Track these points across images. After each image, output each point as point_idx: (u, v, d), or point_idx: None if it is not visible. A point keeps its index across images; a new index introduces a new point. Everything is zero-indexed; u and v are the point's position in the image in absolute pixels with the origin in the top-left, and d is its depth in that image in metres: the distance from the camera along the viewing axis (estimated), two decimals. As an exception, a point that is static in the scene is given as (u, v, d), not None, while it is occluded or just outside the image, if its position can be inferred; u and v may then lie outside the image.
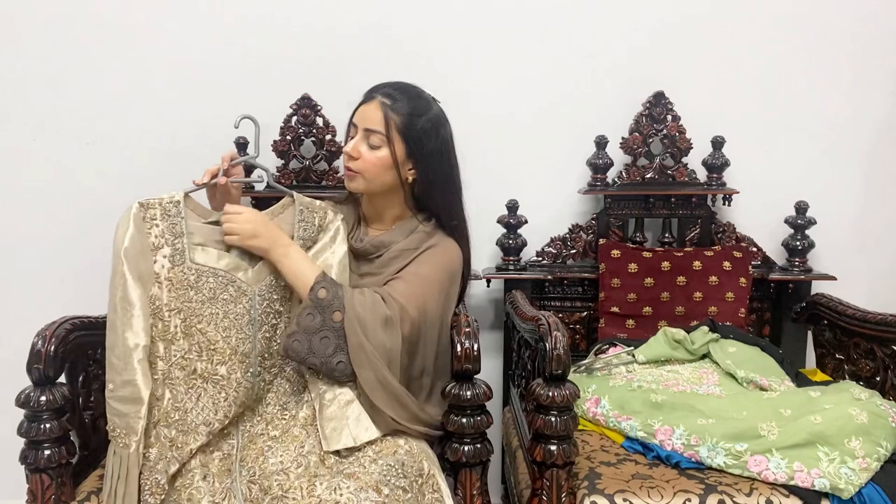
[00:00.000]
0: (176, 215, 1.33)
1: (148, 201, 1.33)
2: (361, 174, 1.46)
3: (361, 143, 1.46)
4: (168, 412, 1.28)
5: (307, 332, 1.30)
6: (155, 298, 1.30)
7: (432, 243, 1.48)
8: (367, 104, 1.47)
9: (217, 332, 1.32)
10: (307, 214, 1.45)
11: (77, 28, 2.00)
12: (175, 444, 1.26)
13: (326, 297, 1.31)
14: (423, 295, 1.40)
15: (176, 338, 1.30)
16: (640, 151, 2.02)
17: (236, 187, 1.48)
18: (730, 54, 2.07)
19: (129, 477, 1.22)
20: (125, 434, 1.24)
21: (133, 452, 1.23)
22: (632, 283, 1.94)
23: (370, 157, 1.45)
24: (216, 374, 1.31)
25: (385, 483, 1.20)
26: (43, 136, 2.04)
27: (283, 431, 1.33)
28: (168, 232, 1.32)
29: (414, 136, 1.45)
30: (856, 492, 1.26)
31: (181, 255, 1.32)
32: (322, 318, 1.31)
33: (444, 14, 2.05)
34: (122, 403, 1.24)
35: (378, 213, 1.56)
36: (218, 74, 2.03)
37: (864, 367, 1.66)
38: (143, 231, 1.31)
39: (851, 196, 2.12)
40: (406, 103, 1.45)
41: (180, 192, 1.36)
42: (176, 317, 1.31)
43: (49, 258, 2.07)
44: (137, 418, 1.23)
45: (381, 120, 1.43)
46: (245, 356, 1.34)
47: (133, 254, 1.29)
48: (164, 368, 1.29)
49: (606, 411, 1.54)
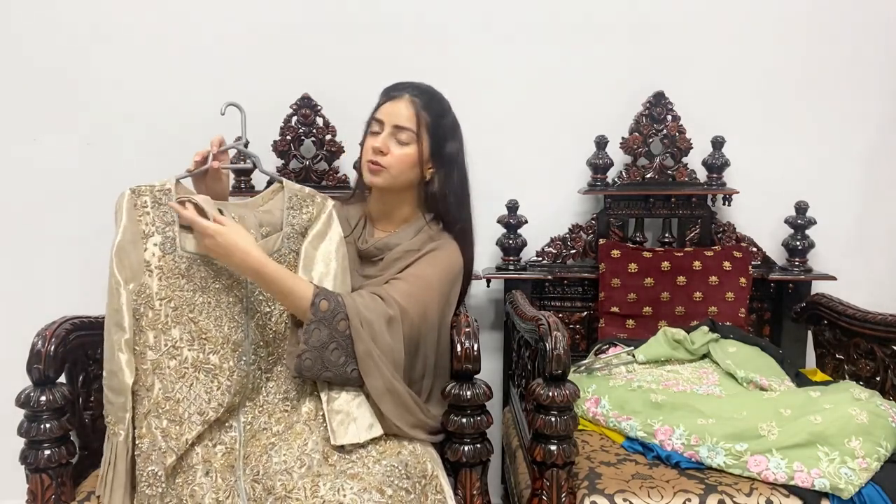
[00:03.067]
0: (166, 203, 1.32)
1: (139, 188, 1.32)
2: (388, 169, 1.47)
3: (390, 138, 1.47)
4: (159, 402, 1.26)
5: (317, 348, 1.28)
6: (145, 287, 1.29)
7: (435, 246, 1.49)
8: (396, 101, 1.48)
9: (209, 320, 1.31)
10: (296, 201, 1.44)
11: (78, 29, 2.01)
12: (168, 435, 1.24)
13: (329, 307, 1.29)
14: (424, 297, 1.40)
15: (167, 327, 1.29)
16: (640, 151, 2.02)
17: (225, 174, 1.47)
18: (730, 54, 2.07)
19: (117, 464, 1.22)
20: (114, 422, 1.24)
21: (121, 441, 1.22)
22: (632, 283, 1.94)
23: (398, 153, 1.46)
24: (208, 362, 1.30)
25: (388, 484, 1.20)
26: (43, 136, 2.04)
27: (287, 427, 1.33)
28: (159, 220, 1.31)
29: (440, 136, 1.49)
30: (856, 492, 1.26)
31: (171, 243, 1.31)
32: (329, 331, 1.29)
33: (444, 14, 2.05)
34: (112, 393, 1.25)
35: (388, 212, 1.56)
36: (218, 74, 2.03)
37: (864, 367, 1.66)
38: (135, 219, 1.30)
39: (851, 196, 2.13)
40: (434, 104, 1.49)
41: (172, 178, 1.35)
42: (167, 305, 1.29)
43: (49, 258, 2.07)
44: (124, 409, 1.23)
45: (413, 117, 1.46)
46: (237, 345, 1.33)
47: (125, 247, 1.28)
48: (153, 358, 1.27)
49: (606, 411, 1.54)
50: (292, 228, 1.42)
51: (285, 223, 1.41)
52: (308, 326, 1.28)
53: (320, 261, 1.41)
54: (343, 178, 2.01)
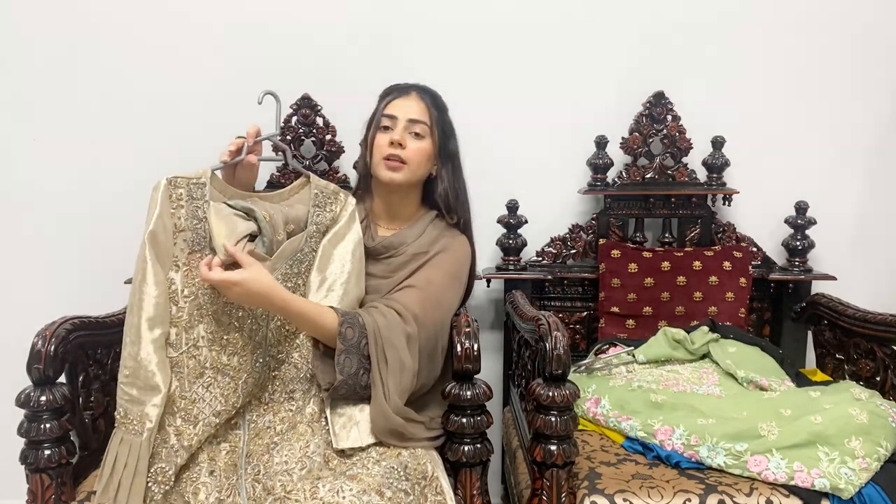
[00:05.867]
0: (200, 198, 1.31)
1: (176, 179, 1.30)
2: (407, 164, 1.48)
3: (406, 132, 1.49)
4: (174, 400, 1.25)
5: (351, 376, 1.30)
6: (171, 282, 1.28)
7: (442, 246, 1.50)
8: (405, 98, 1.51)
9: (231, 321, 1.31)
10: (321, 199, 1.44)
11: (79, 29, 2.01)
12: (182, 434, 1.24)
13: (354, 335, 1.31)
14: (437, 304, 1.42)
15: (189, 325, 1.28)
16: (640, 151, 2.01)
17: (257, 165, 1.47)
18: (730, 54, 2.07)
19: (139, 465, 1.18)
20: (137, 421, 1.20)
21: (145, 440, 1.19)
22: (632, 283, 1.94)
23: (415, 147, 1.48)
24: (228, 364, 1.30)
25: (387, 486, 1.20)
26: (43, 136, 2.04)
27: (290, 427, 1.33)
28: (192, 216, 1.30)
29: (445, 132, 1.53)
30: (856, 492, 1.26)
31: (201, 240, 1.30)
32: (358, 357, 1.31)
33: (444, 14, 2.05)
34: (139, 391, 1.21)
35: (393, 210, 1.57)
36: (218, 74, 2.03)
37: (864, 367, 1.66)
38: (169, 211, 1.29)
39: (851, 196, 2.12)
40: (438, 101, 1.54)
41: (207, 170, 1.34)
42: (191, 304, 1.29)
43: (50, 258, 2.07)
44: (154, 406, 1.21)
45: (426, 111, 1.50)
46: (258, 346, 1.33)
47: (159, 236, 1.27)
48: (174, 356, 1.27)
49: (606, 411, 1.54)
50: (316, 228, 1.42)
51: (310, 222, 1.41)
52: (339, 357, 1.29)
53: (336, 261, 1.41)
54: (343, 178, 2.00)
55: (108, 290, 1.80)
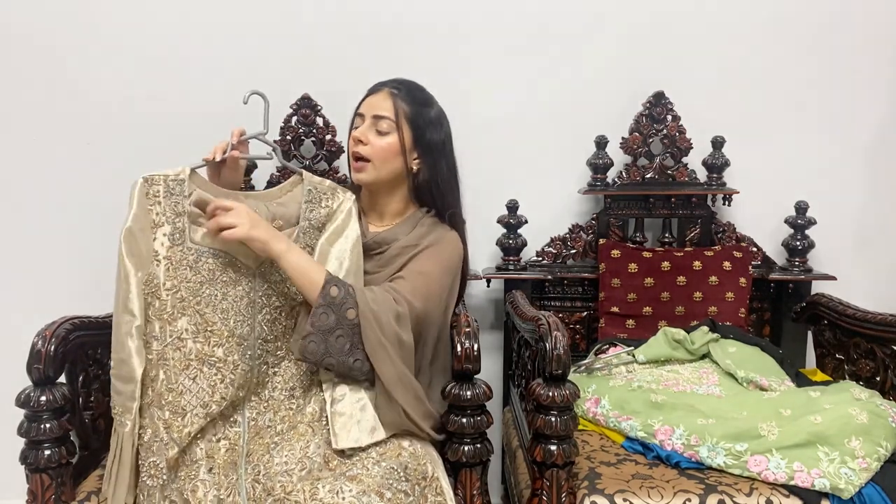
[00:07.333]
0: (179, 193, 1.32)
1: (152, 177, 1.32)
2: (371, 161, 1.48)
3: (370, 129, 1.49)
4: (161, 393, 1.26)
5: (322, 332, 1.28)
6: (153, 277, 1.29)
7: (433, 240, 1.49)
8: (375, 95, 1.51)
9: (215, 313, 1.31)
10: (315, 195, 1.43)
11: (78, 29, 2.00)
12: (171, 427, 1.24)
13: (339, 295, 1.30)
14: (427, 293, 1.41)
15: (172, 318, 1.29)
16: (640, 151, 2.01)
17: (242, 164, 1.47)
18: (730, 54, 2.07)
19: (122, 456, 1.22)
20: (121, 412, 1.24)
21: (128, 432, 1.23)
22: (632, 283, 1.94)
23: (379, 143, 1.48)
24: (213, 355, 1.29)
25: (387, 487, 1.19)
26: (43, 136, 2.04)
27: (291, 426, 1.33)
28: (170, 210, 1.31)
29: (421, 125, 1.50)
30: (856, 492, 1.26)
31: (181, 234, 1.31)
32: (336, 317, 1.29)
33: (444, 14, 2.05)
34: (121, 382, 1.25)
35: (379, 209, 1.57)
36: (218, 74, 2.03)
37: (864, 367, 1.66)
38: (145, 208, 1.30)
39: (851, 196, 2.13)
40: (413, 94, 1.52)
41: (186, 167, 1.35)
42: (173, 296, 1.29)
43: (49, 258, 2.07)
44: (132, 398, 1.24)
45: (391, 107, 1.48)
46: (243, 339, 1.32)
47: (135, 233, 1.28)
48: (158, 349, 1.27)
49: (606, 411, 1.54)
50: (309, 223, 1.41)
51: (302, 217, 1.41)
52: (316, 310, 1.29)
53: (334, 259, 1.41)
54: (343, 178, 2.00)
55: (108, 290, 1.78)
